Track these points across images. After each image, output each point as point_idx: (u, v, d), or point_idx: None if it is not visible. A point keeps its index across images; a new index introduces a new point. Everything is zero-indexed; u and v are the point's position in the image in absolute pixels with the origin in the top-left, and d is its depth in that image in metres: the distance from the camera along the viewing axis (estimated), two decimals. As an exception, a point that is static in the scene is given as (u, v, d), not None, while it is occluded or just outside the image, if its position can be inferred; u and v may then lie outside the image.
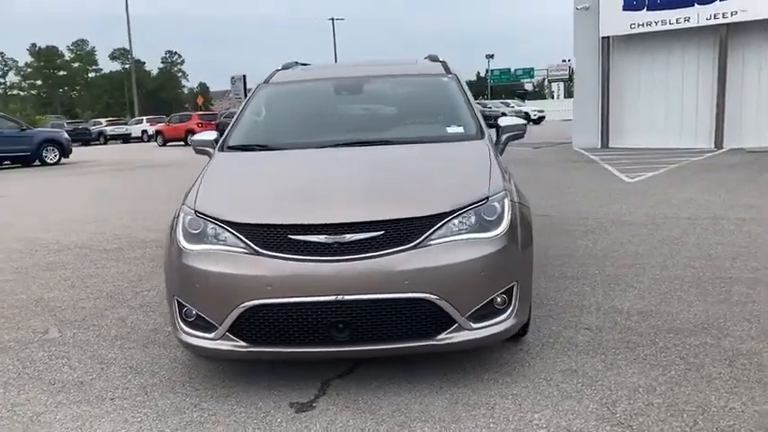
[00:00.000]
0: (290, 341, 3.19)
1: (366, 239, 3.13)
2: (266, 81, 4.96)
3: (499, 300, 3.29)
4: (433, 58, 5.15)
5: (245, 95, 43.27)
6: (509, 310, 3.32)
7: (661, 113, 16.80)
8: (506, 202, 3.43)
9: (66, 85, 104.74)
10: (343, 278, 3.09)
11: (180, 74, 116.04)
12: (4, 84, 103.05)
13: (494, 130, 4.56)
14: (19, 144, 21.11)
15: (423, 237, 3.15)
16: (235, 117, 4.59)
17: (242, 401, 3.26)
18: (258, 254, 3.17)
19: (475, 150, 3.92)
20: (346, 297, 3.09)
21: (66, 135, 23.55)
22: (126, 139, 43.87)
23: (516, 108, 48.04)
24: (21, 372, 3.81)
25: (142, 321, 4.56)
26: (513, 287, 3.33)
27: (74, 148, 23.47)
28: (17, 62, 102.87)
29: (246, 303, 3.13)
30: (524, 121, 4.66)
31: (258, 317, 3.16)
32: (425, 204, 3.26)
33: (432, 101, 4.68)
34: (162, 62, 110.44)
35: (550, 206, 8.58)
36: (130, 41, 59.70)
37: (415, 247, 3.14)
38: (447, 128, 4.27)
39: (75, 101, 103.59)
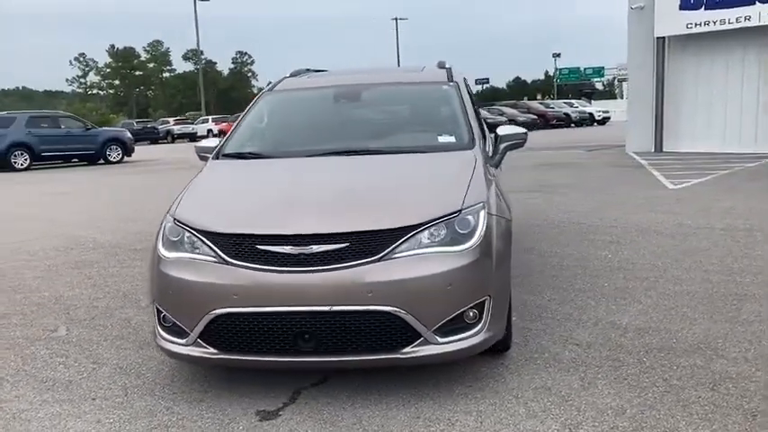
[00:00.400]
0: (257, 350, 3.23)
1: (331, 251, 3.14)
2: (271, 88, 5.03)
3: (471, 314, 3.25)
4: (441, 65, 5.11)
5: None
6: (479, 325, 3.27)
7: (718, 117, 16.15)
8: (482, 214, 3.37)
9: (141, 85, 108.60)
10: (307, 289, 3.11)
11: (250, 74, 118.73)
12: (85, 83, 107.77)
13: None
14: (85, 143, 22.05)
15: (388, 249, 3.14)
16: (235, 124, 4.67)
17: (213, 407, 3.32)
18: (227, 263, 3.22)
19: (460, 161, 3.87)
20: (309, 308, 3.12)
21: (128, 134, 24.45)
22: (192, 137, 45.05)
23: (580, 109, 47.04)
24: (19, 368, 3.98)
25: (145, 323, 4.69)
26: (484, 302, 3.28)
27: (142, 147, 24.29)
28: (97, 63, 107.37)
29: (215, 311, 3.20)
30: (524, 130, 4.58)
31: (226, 325, 3.22)
32: (393, 217, 3.24)
33: (428, 110, 4.65)
34: (233, 62, 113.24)
35: (582, 213, 8.38)
36: (198, 42, 61.37)
37: (380, 260, 3.13)
38: (439, 137, 4.23)
39: (149, 100, 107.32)
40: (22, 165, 21.02)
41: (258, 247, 3.19)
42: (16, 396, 3.59)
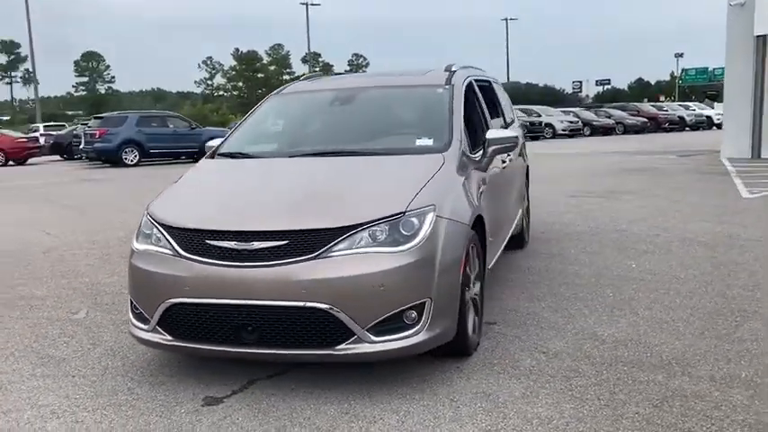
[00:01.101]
0: (206, 339, 3.43)
1: (271, 248, 3.28)
2: (278, 91, 5.24)
3: (410, 315, 3.30)
4: (447, 68, 5.12)
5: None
6: (418, 327, 3.31)
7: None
8: (429, 218, 3.41)
9: (263, 87, 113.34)
10: (249, 283, 3.27)
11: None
12: (212, 85, 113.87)
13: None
14: (189, 141, 23.32)
15: (324, 248, 3.24)
16: (236, 125, 4.91)
17: (169, 390, 3.54)
18: (181, 256, 3.44)
19: (424, 164, 3.89)
20: (251, 302, 3.27)
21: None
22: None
23: (697, 111, 44.46)
24: (29, 345, 4.38)
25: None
26: (424, 303, 3.31)
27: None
28: (223, 66, 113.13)
29: (169, 301, 3.42)
30: (515, 134, 4.54)
31: (179, 314, 3.44)
32: (333, 217, 3.34)
33: (416, 112, 4.69)
34: (348, 65, 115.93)
35: (632, 220, 8.06)
36: (309, 45, 63.66)
37: (315, 258, 3.24)
38: (417, 140, 4.27)
39: None
40: (131, 161, 22.58)
41: (207, 241, 3.39)
42: (14, 369, 3.97)
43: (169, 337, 3.50)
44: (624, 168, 15.02)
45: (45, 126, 37.50)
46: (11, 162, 26.93)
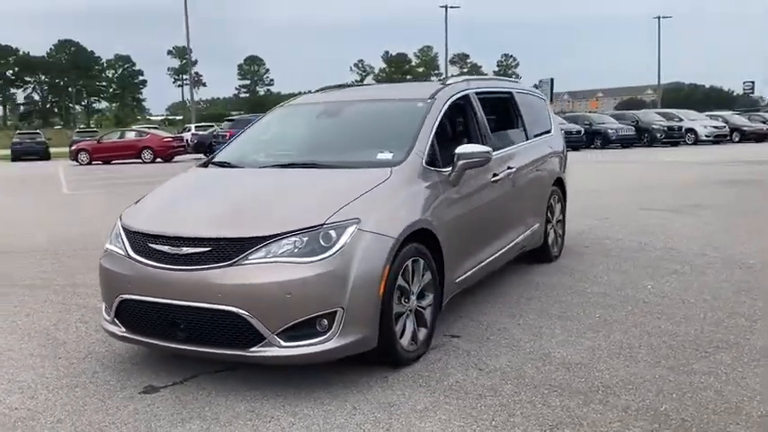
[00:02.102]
0: (148, 333, 3.79)
1: (196, 253, 3.58)
2: (283, 103, 5.54)
3: (324, 323, 3.47)
4: (442, 80, 5.19)
5: (551, 100, 42.44)
6: (329, 334, 3.47)
7: None
8: (349, 231, 3.56)
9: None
10: (177, 285, 3.59)
11: (514, 76, 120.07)
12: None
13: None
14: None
15: (241, 256, 3.49)
16: (237, 134, 5.26)
17: (123, 377, 3.94)
18: (129, 256, 3.82)
19: (368, 178, 4.02)
20: (180, 302, 3.58)
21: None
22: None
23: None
24: (46, 328, 4.94)
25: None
26: (336, 312, 3.47)
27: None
28: (373, 68, 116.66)
29: (120, 296, 3.82)
30: (486, 149, 4.52)
31: (127, 309, 3.82)
32: (253, 226, 3.58)
33: (389, 126, 4.77)
34: (497, 65, 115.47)
35: (683, 237, 7.61)
36: (446, 47, 64.00)
37: (232, 265, 3.49)
38: (379, 154, 4.38)
39: None
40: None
41: (149, 244, 3.74)
42: (21, 347, 4.54)
43: (123, 329, 3.89)
44: (727, 180, 13.96)
45: (196, 126, 40.44)
46: (158, 159, 29.56)
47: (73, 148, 32.35)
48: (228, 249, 3.52)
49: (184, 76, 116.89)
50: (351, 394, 3.57)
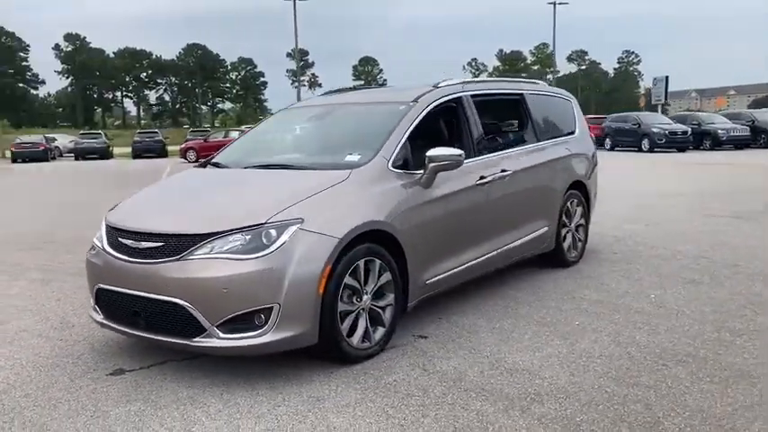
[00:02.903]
0: (117, 320, 4.12)
1: (152, 248, 3.87)
2: (287, 107, 5.77)
3: (261, 317, 3.67)
4: (435, 84, 5.23)
5: (666, 97, 40.47)
6: (264, 329, 3.66)
7: None
8: (290, 230, 3.73)
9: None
10: (137, 277, 3.89)
11: (636, 73, 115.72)
12: None
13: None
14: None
15: (187, 251, 3.74)
16: (240, 135, 5.55)
17: (100, 359, 4.29)
18: (104, 249, 4.17)
19: (323, 179, 4.16)
20: (139, 293, 3.88)
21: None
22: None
23: None
24: (61, 311, 5.44)
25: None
26: (272, 308, 3.65)
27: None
28: (486, 67, 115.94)
29: (97, 285, 4.18)
30: (458, 152, 4.53)
31: (103, 297, 4.17)
32: (200, 224, 3.82)
33: (366, 129, 4.87)
34: (618, 62, 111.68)
35: (728, 245, 7.19)
36: (554, 42, 62.61)
37: (179, 260, 3.75)
38: (348, 156, 4.50)
39: None
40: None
41: (119, 238, 4.07)
42: (35, 329, 4.99)
43: (101, 316, 4.25)
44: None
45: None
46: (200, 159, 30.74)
47: (182, 146, 34.34)
48: (177, 245, 3.78)
49: (302, 78, 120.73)
50: (288, 387, 3.74)
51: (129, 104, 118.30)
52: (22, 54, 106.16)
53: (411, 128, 4.64)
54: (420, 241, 4.43)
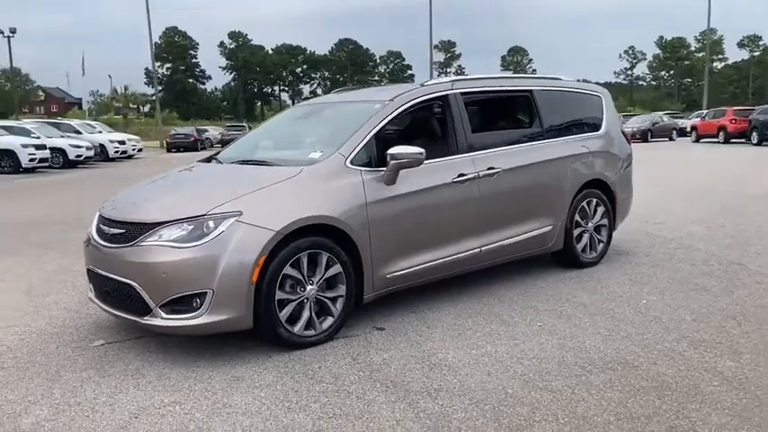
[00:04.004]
0: (98, 297, 4.65)
1: (117, 234, 4.35)
2: (297, 104, 6.09)
3: (197, 301, 4.04)
4: (423, 83, 5.33)
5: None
6: (199, 311, 4.02)
7: None
8: (227, 222, 4.05)
9: (689, 76, 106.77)
10: (105, 259, 4.40)
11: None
12: (631, 75, 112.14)
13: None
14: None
15: (139, 238, 4.17)
16: (250, 132, 5.95)
17: (92, 332, 4.83)
18: (91, 234, 4.72)
19: (276, 175, 4.45)
20: (108, 274, 4.38)
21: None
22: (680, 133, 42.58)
23: None
24: (70, 299, 6.12)
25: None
26: (206, 293, 4.00)
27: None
28: (645, 55, 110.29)
29: (87, 266, 4.75)
30: (420, 151, 4.61)
31: (90, 276, 4.73)
32: (151, 214, 4.25)
33: (339, 127, 5.03)
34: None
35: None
36: (708, 23, 58.00)
37: (133, 245, 4.19)
38: (312, 153, 4.74)
39: (695, 91, 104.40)
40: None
41: (100, 225, 4.60)
42: (46, 301, 5.72)
43: (92, 294, 4.81)
44: None
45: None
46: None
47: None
48: (134, 232, 4.22)
49: (449, 70, 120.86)
50: (221, 366, 4.06)
51: (285, 98, 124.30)
52: (191, 52, 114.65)
53: (379, 126, 4.80)
54: (381, 236, 4.58)
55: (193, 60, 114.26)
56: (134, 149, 32.40)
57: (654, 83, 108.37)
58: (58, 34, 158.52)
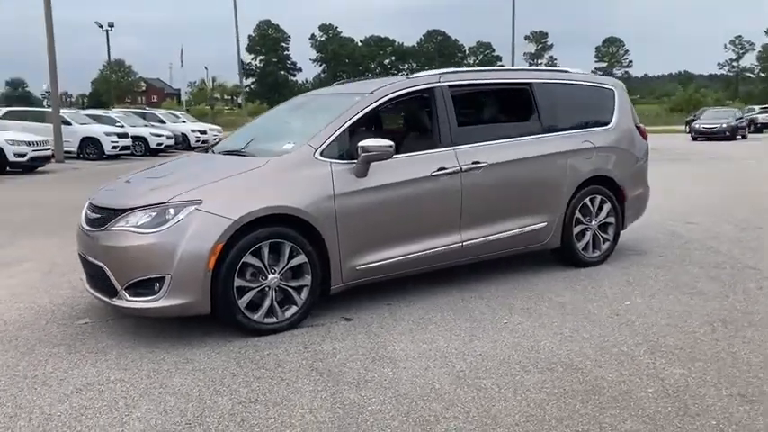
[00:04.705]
0: (86, 280, 4.92)
1: (94, 219, 4.59)
2: (297, 96, 6.22)
3: (157, 285, 4.22)
4: (409, 76, 5.33)
5: None
6: (159, 295, 4.20)
7: None
8: (186, 210, 4.22)
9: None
10: (86, 243, 4.65)
11: None
12: (737, 67, 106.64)
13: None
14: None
15: (110, 223, 4.39)
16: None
17: (83, 310, 5.13)
18: (81, 220, 5.00)
19: (243, 166, 4.58)
20: (86, 255, 4.64)
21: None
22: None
23: None
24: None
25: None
26: (165, 277, 4.18)
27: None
28: (754, 45, 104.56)
29: (78, 251, 5.04)
30: (389, 143, 4.62)
31: (80, 261, 5.01)
32: (120, 201, 4.46)
33: (317, 118, 5.09)
34: None
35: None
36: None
37: (104, 230, 4.42)
38: (285, 144, 4.84)
39: None
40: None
41: (86, 210, 4.87)
42: (63, 279, 6.08)
43: (83, 277, 5.09)
44: None
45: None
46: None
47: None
48: (106, 217, 4.45)
49: (539, 61, 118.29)
50: (178, 349, 4.20)
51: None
52: (284, 44, 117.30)
53: (354, 119, 4.84)
54: (350, 228, 4.63)
55: (285, 53, 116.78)
56: (215, 139, 33.56)
57: (763, 74, 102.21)
58: (162, 28, 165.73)
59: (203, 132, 32.14)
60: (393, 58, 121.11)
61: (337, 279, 4.70)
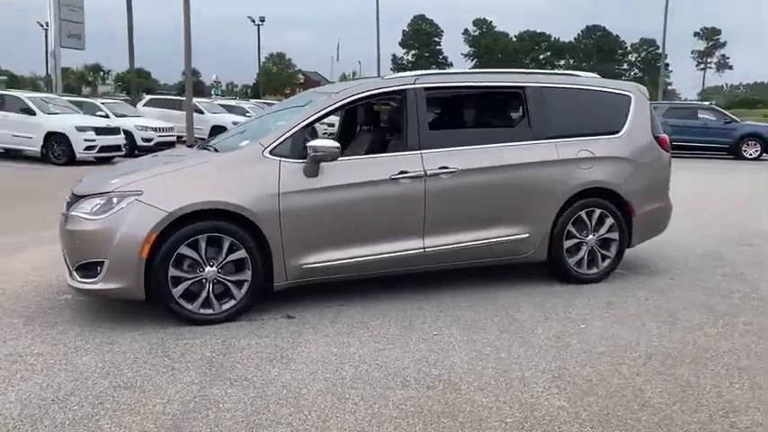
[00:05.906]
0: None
1: (67, 203, 4.97)
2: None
3: (98, 268, 4.52)
4: (383, 77, 5.28)
5: None
6: (98, 278, 4.49)
7: None
8: (127, 200, 4.48)
9: None
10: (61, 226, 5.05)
11: None
12: None
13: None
14: (719, 136, 21.72)
15: (71, 208, 4.74)
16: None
17: (60, 289, 5.54)
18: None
19: (191, 161, 4.77)
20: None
21: None
22: None
23: None
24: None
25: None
26: (103, 262, 4.46)
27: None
28: None
29: (62, 235, 5.47)
30: (336, 145, 4.63)
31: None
32: (85, 188, 4.79)
33: (285, 117, 5.15)
34: None
35: None
36: None
37: (66, 214, 4.77)
38: (244, 141, 4.97)
39: None
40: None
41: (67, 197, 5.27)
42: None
43: (66, 258, 5.52)
44: None
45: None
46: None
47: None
48: (70, 202, 4.80)
49: (709, 60, 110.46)
50: (117, 330, 4.47)
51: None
52: (436, 39, 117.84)
53: (311, 119, 4.89)
54: (295, 226, 4.68)
55: (437, 47, 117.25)
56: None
57: None
58: (325, 22, 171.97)
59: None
60: (548, 53, 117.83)
61: (281, 276, 4.76)
